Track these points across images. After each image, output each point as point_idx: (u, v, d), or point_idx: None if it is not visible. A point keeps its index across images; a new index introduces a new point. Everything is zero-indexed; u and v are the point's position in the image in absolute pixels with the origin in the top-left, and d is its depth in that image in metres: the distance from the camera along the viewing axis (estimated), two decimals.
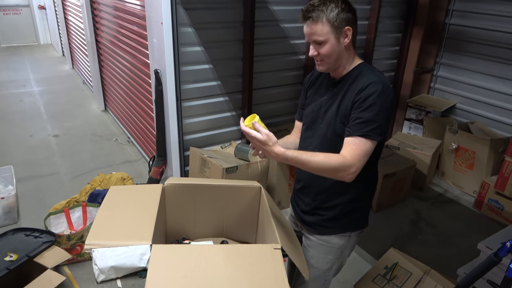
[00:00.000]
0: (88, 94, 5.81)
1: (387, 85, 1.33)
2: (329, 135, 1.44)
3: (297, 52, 3.41)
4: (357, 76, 1.39)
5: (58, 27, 7.60)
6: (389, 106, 1.32)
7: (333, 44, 1.34)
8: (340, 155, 1.30)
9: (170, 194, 1.65)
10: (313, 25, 1.32)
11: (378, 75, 1.37)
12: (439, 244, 2.90)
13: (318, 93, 1.54)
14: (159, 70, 2.83)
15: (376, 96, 1.29)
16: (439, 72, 4.08)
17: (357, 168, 1.30)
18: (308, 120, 1.57)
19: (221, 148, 3.17)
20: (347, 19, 1.33)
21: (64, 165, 3.79)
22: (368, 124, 1.29)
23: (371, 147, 1.31)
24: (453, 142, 3.54)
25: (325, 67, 1.41)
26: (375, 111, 1.29)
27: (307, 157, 1.29)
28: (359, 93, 1.32)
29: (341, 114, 1.39)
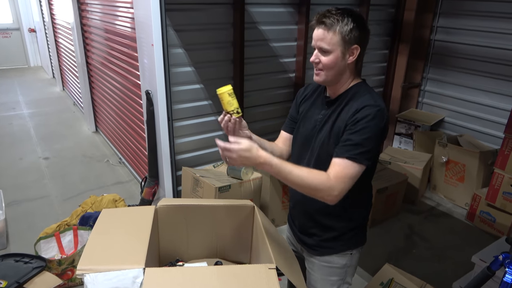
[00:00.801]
0: (78, 116, 5.80)
1: (382, 109, 1.29)
2: (322, 157, 1.39)
3: (286, 70, 3.46)
4: (353, 96, 1.36)
5: (49, 49, 7.61)
6: (381, 131, 1.28)
7: (337, 57, 1.30)
8: (325, 174, 1.26)
9: (162, 215, 1.63)
10: (324, 31, 1.29)
11: (375, 98, 1.33)
12: (434, 258, 2.90)
13: (312, 110, 1.49)
14: (150, 91, 2.84)
15: (369, 120, 1.26)
16: (427, 86, 4.15)
17: (340, 192, 1.25)
18: (301, 139, 1.51)
19: (213, 167, 3.16)
20: (358, 38, 1.30)
21: (55, 187, 3.74)
22: (357, 147, 1.26)
23: (358, 171, 1.27)
24: (443, 155, 3.58)
25: (323, 78, 1.36)
26: (365, 135, 1.26)
27: (290, 168, 1.24)
28: (353, 114, 1.29)
29: (334, 135, 1.35)
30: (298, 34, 3.38)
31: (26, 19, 8.78)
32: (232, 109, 1.38)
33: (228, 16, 2.98)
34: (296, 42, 3.41)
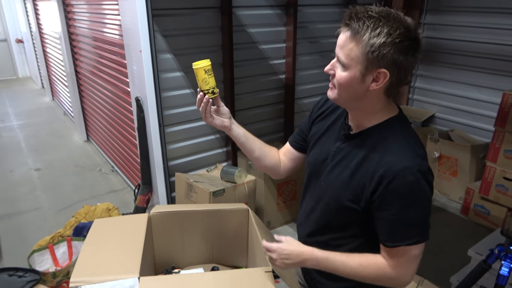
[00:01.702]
0: (69, 125, 5.74)
1: (424, 164, 0.99)
2: (333, 208, 1.13)
3: (276, 72, 3.46)
4: (383, 140, 1.04)
5: (37, 59, 7.54)
6: (431, 191, 1.01)
7: (353, 77, 0.97)
8: (384, 265, 1.05)
9: (156, 222, 1.62)
10: (346, 38, 0.96)
11: (413, 148, 1.01)
12: (430, 253, 2.87)
13: (327, 136, 1.20)
14: (140, 97, 2.83)
15: (416, 188, 0.97)
16: (416, 83, 4.17)
17: (412, 276, 1.05)
18: (310, 170, 1.25)
19: (207, 172, 3.15)
20: (392, 60, 0.93)
21: (47, 199, 3.70)
22: (413, 227, 1.00)
23: (422, 248, 1.02)
24: (435, 151, 3.59)
25: (333, 96, 1.06)
26: (418, 208, 0.98)
27: (338, 263, 1.07)
28: (390, 181, 0.97)
29: (352, 190, 1.06)
30: (286, 36, 3.38)
31: (13, 30, 8.70)
32: (207, 88, 1.24)
33: (216, 20, 2.97)
34: (285, 44, 3.41)
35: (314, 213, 1.22)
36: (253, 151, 1.32)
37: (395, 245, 1.01)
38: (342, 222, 1.14)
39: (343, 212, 1.10)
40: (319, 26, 3.59)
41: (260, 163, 1.35)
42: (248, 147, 1.31)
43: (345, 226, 1.14)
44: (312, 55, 3.64)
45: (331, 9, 3.63)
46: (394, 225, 1.00)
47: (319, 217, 1.20)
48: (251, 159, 1.35)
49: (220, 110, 1.27)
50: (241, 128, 1.30)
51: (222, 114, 1.27)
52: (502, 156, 3.02)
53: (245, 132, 1.31)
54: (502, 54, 3.37)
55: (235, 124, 1.29)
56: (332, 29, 3.69)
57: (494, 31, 3.40)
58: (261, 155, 1.34)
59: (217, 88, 1.25)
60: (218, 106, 1.27)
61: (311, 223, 1.24)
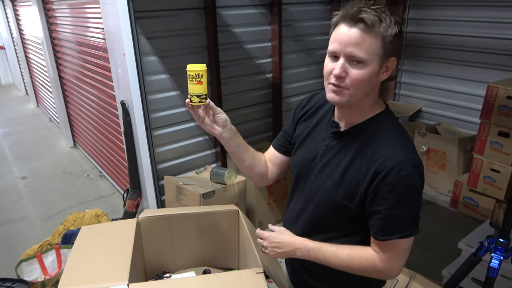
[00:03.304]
0: (55, 132, 5.66)
1: (416, 160, 0.99)
2: (324, 208, 1.12)
3: (263, 71, 3.45)
4: (374, 136, 1.03)
5: (20, 66, 7.42)
6: (422, 185, 1.02)
7: (372, 71, 0.96)
8: (374, 256, 1.05)
9: (145, 227, 1.59)
10: (362, 33, 0.92)
11: (404, 143, 1.01)
12: (422, 246, 2.91)
13: (314, 135, 1.17)
14: (125, 101, 2.79)
15: (409, 183, 0.97)
16: (402, 78, 4.18)
17: (400, 268, 1.06)
18: (296, 169, 1.22)
19: (196, 174, 3.12)
20: (397, 47, 0.98)
21: (34, 207, 3.64)
22: (404, 222, 1.01)
23: (411, 241, 1.04)
24: (423, 144, 3.61)
25: (346, 98, 1.00)
26: (410, 203, 1.00)
27: (329, 255, 1.07)
28: (384, 177, 0.98)
29: (345, 187, 1.05)
30: (272, 35, 3.37)
31: None
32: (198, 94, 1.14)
33: (200, 21, 2.95)
34: (271, 43, 3.40)
35: (304, 215, 1.20)
36: (244, 161, 1.27)
37: (386, 238, 1.02)
38: (335, 222, 1.12)
39: (337, 211, 1.09)
40: (304, 24, 3.59)
41: (249, 171, 1.31)
42: (239, 156, 1.26)
43: (339, 225, 1.12)
44: (298, 53, 3.64)
45: (315, 6, 3.63)
46: (386, 218, 1.01)
47: (308, 219, 1.18)
48: (240, 168, 1.30)
49: (216, 118, 1.18)
50: (235, 137, 1.22)
51: (216, 122, 1.18)
52: (488, 148, 3.05)
53: (238, 141, 1.23)
54: (485, 47, 3.41)
55: (229, 133, 1.20)
56: (317, 27, 3.70)
57: (477, 24, 3.44)
58: (252, 165, 1.29)
59: (206, 97, 1.15)
60: (215, 114, 1.18)
61: (300, 226, 1.21)
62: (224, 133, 1.19)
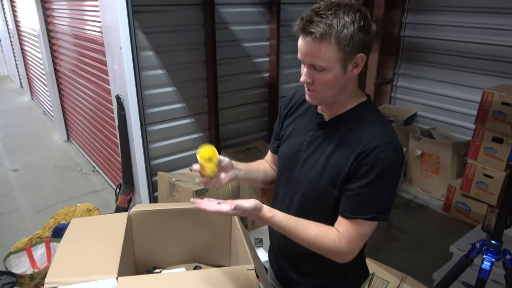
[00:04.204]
0: (49, 125, 5.61)
1: (398, 147, 1.01)
2: (310, 197, 1.12)
3: (260, 70, 3.44)
4: (357, 123, 1.06)
5: (15, 58, 7.35)
6: (400, 174, 1.03)
7: (337, 74, 0.99)
8: (336, 236, 1.04)
9: (136, 222, 1.58)
10: (315, 44, 0.95)
11: (387, 130, 1.03)
12: (413, 250, 2.92)
13: (298, 128, 1.19)
14: (120, 95, 2.77)
15: (386, 166, 0.98)
16: (399, 82, 4.20)
17: (355, 252, 1.06)
18: (282, 163, 1.24)
19: (190, 171, 3.10)
20: (363, 43, 0.97)
21: (25, 200, 3.60)
22: (373, 203, 1.01)
23: (374, 226, 1.05)
24: (417, 148, 3.62)
25: (319, 100, 1.07)
26: (384, 186, 1.00)
27: (296, 229, 1.04)
28: (363, 158, 0.99)
29: (329, 173, 1.06)
30: (270, 34, 3.36)
31: None
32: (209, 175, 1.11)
33: (198, 17, 2.93)
34: (269, 42, 3.39)
35: (291, 208, 1.18)
36: (256, 180, 1.32)
37: (355, 216, 1.02)
38: (322, 211, 1.11)
39: (322, 199, 1.09)
40: None
41: (264, 185, 1.37)
42: (252, 179, 1.30)
43: (326, 215, 1.10)
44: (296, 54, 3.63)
45: None
46: (358, 197, 1.01)
47: (297, 211, 1.16)
48: (256, 186, 1.32)
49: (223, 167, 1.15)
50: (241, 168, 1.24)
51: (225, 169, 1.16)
52: (482, 154, 3.06)
53: (245, 168, 1.26)
54: (482, 53, 3.43)
55: (238, 170, 1.21)
56: None
57: (474, 30, 3.45)
58: (264, 179, 1.34)
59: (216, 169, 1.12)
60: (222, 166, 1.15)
61: None
62: (237, 173, 1.20)
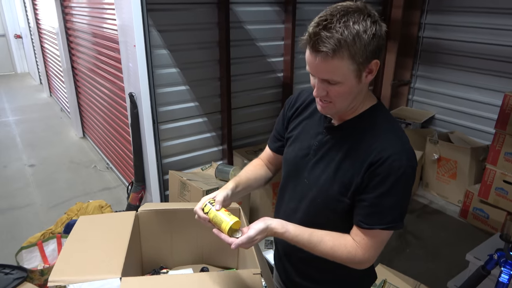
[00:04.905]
0: (66, 122, 5.69)
1: (410, 152, 1.00)
2: (319, 204, 1.10)
3: (274, 70, 3.40)
4: (368, 129, 1.03)
5: (35, 55, 7.49)
6: (414, 179, 1.01)
7: (351, 86, 0.96)
8: (352, 246, 1.03)
9: (144, 221, 1.57)
10: (327, 62, 0.91)
11: (398, 135, 1.02)
12: (428, 256, 2.85)
13: (306, 131, 1.16)
14: (134, 93, 2.77)
15: (400, 174, 0.96)
16: (416, 84, 4.12)
17: (371, 262, 1.06)
18: (288, 167, 1.21)
19: (201, 170, 3.09)
20: (376, 50, 0.94)
21: (40, 195, 3.65)
22: (391, 212, 1.00)
23: (390, 235, 1.04)
24: (434, 152, 3.55)
25: (333, 111, 1.04)
26: (398, 195, 0.99)
27: (310, 243, 1.04)
28: (376, 167, 0.98)
29: (340, 182, 1.04)
30: (285, 33, 3.32)
31: (12, 25, 8.64)
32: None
33: (213, 16, 2.91)
34: (283, 42, 3.36)
35: (297, 214, 1.16)
36: (254, 189, 1.32)
37: (371, 227, 1.01)
38: (331, 219, 1.10)
39: (332, 207, 1.08)
40: None
41: (261, 187, 1.39)
42: (249, 191, 1.29)
43: (335, 223, 1.10)
44: None
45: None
46: (374, 207, 1.00)
47: (303, 217, 1.14)
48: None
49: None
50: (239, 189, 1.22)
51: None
52: (502, 159, 2.96)
53: (242, 185, 1.23)
54: (504, 55, 3.32)
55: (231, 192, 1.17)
56: None
57: (496, 31, 3.35)
58: (261, 184, 1.34)
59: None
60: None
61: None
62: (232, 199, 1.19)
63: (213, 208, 1.08)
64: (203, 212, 1.10)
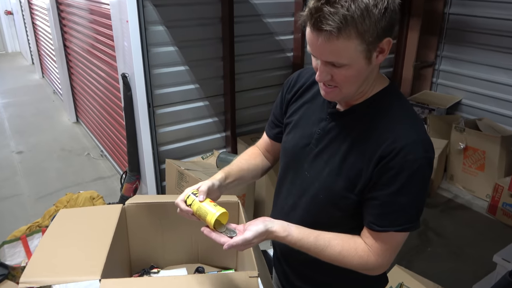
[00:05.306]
0: (58, 105, 5.69)
1: (427, 143, 0.94)
2: (322, 201, 1.05)
3: (283, 49, 3.32)
4: (378, 115, 0.97)
5: (27, 33, 7.46)
6: (431, 172, 0.96)
7: (360, 68, 0.90)
8: (363, 250, 0.99)
9: (132, 215, 1.52)
10: (331, 43, 0.85)
11: (412, 122, 0.96)
12: (451, 256, 2.81)
13: (307, 117, 1.10)
14: (127, 74, 2.72)
15: (416, 168, 0.91)
16: (441, 66, 4.04)
17: (385, 268, 1.03)
18: (287, 157, 1.16)
19: (202, 159, 3.05)
20: (389, 26, 0.87)
21: (28, 185, 3.65)
22: (406, 212, 0.95)
23: (406, 236, 0.99)
24: (460, 141, 3.48)
25: (339, 97, 0.98)
26: (414, 192, 0.93)
27: (316, 248, 0.99)
28: (388, 161, 0.92)
29: (346, 176, 0.99)
30: (295, 8, 3.24)
31: (2, 0, 8.64)
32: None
33: None
34: (294, 17, 3.27)
35: (297, 211, 1.12)
36: (249, 180, 1.29)
37: (384, 229, 0.96)
38: (336, 217, 1.05)
39: (337, 204, 1.03)
40: None
41: (258, 178, 1.34)
42: (243, 183, 1.26)
43: (341, 222, 1.05)
44: None
45: None
46: (386, 207, 0.95)
47: (303, 215, 1.10)
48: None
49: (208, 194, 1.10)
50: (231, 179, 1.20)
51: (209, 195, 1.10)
52: None
53: (236, 176, 1.21)
54: None
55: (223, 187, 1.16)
56: None
57: None
58: (257, 175, 1.30)
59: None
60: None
61: (293, 223, 1.08)
62: (222, 191, 1.17)
63: (196, 199, 1.02)
64: (185, 204, 1.05)
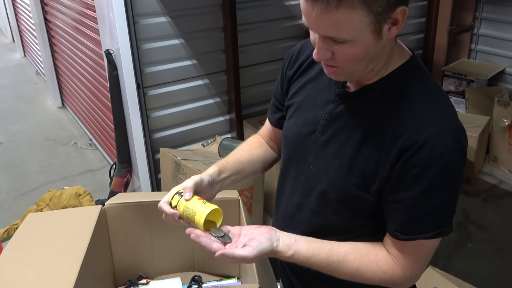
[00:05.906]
0: (42, 88, 5.72)
1: (458, 130, 0.87)
2: (332, 200, 0.99)
3: (294, 16, 3.25)
4: (397, 97, 0.91)
5: (5, 7, 7.45)
6: (464, 163, 0.89)
7: (367, 44, 0.83)
8: (387, 264, 0.94)
9: (114, 218, 1.48)
10: (329, 14, 0.78)
11: (439, 104, 0.90)
12: (496, 253, 2.77)
13: (312, 99, 1.04)
14: (111, 50, 2.67)
15: (445, 163, 0.84)
16: (481, 29, 3.98)
17: (414, 281, 0.98)
18: (288, 147, 1.10)
19: (202, 147, 3.02)
20: None
21: (6, 180, 3.67)
22: (435, 216, 0.89)
23: (438, 243, 0.93)
24: (504, 117, 3.40)
25: (344, 76, 0.92)
26: (445, 192, 0.88)
27: (328, 267, 0.94)
28: (412, 155, 0.85)
29: (359, 172, 0.93)
30: None
31: None
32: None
33: None
34: None
35: (303, 213, 1.05)
36: (252, 175, 1.23)
37: (411, 238, 0.90)
38: (349, 219, 1.00)
39: (346, 203, 0.97)
40: None
41: (262, 172, 1.29)
42: (244, 178, 1.20)
43: (355, 224, 1.00)
44: None
45: None
46: (412, 211, 0.89)
47: (311, 217, 1.03)
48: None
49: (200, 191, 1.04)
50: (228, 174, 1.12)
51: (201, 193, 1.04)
52: None
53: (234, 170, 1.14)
54: None
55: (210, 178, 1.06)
56: None
57: None
58: (261, 168, 1.24)
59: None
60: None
61: (300, 227, 1.05)
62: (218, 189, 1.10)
63: (182, 198, 0.95)
64: (170, 206, 0.98)
